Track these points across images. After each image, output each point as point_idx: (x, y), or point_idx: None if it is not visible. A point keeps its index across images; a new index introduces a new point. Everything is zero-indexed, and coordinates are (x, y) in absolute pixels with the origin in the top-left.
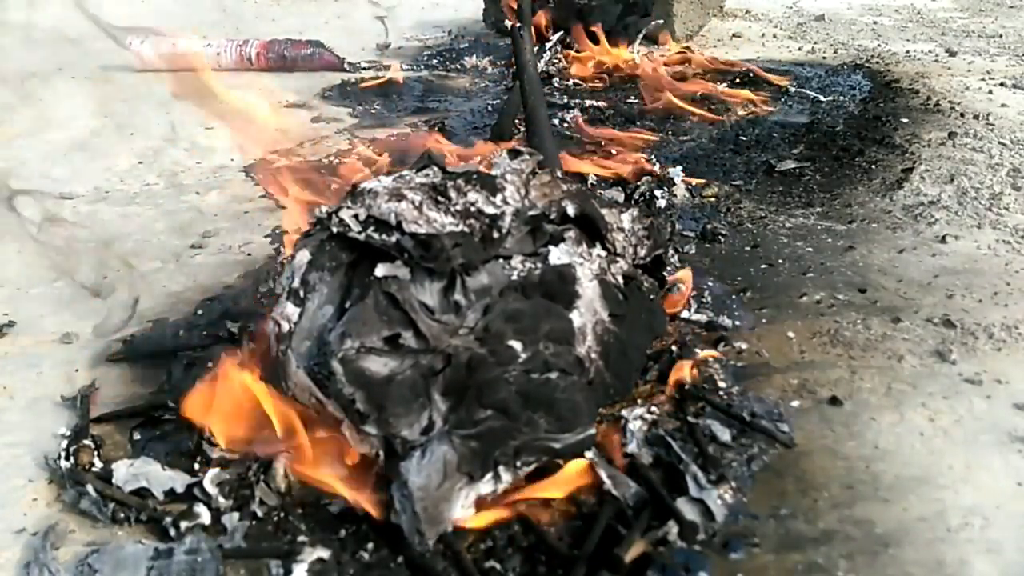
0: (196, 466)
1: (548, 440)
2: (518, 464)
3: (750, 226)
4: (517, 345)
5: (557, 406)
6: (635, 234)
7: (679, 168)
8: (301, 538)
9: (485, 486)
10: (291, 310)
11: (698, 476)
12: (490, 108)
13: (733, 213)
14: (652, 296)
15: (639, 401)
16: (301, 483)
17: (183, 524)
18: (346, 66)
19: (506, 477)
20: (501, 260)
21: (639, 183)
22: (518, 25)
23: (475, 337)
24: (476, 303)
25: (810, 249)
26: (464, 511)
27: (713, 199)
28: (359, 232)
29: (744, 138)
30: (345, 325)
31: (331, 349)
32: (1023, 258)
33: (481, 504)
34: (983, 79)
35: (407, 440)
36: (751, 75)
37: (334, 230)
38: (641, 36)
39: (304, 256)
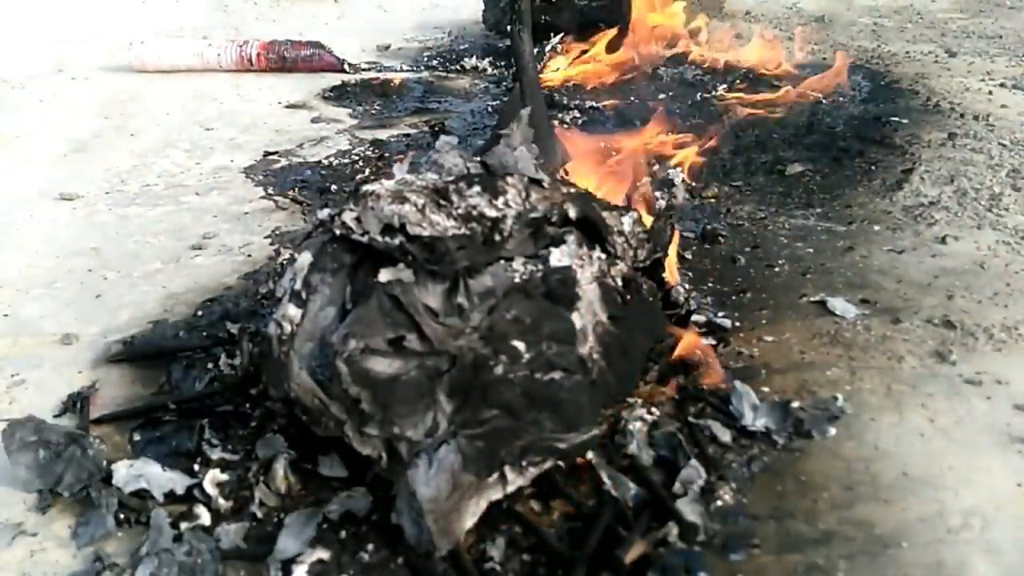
0: (196, 467)
1: (553, 440)
2: (524, 464)
3: (750, 227)
4: (521, 345)
5: (561, 406)
6: (635, 237)
7: (679, 169)
8: None
9: (493, 491)
10: (293, 312)
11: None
12: (490, 109)
13: (733, 214)
14: (651, 298)
15: (639, 402)
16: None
17: (183, 525)
18: (346, 67)
19: (512, 478)
20: (503, 262)
21: (638, 185)
22: (518, 26)
23: (479, 337)
24: (479, 305)
25: (810, 250)
26: (474, 519)
27: (713, 200)
28: (362, 234)
29: (744, 139)
30: (349, 326)
31: (335, 350)
32: (1023, 259)
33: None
34: (983, 80)
35: (412, 441)
36: (752, 75)
37: (337, 232)
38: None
39: (306, 258)
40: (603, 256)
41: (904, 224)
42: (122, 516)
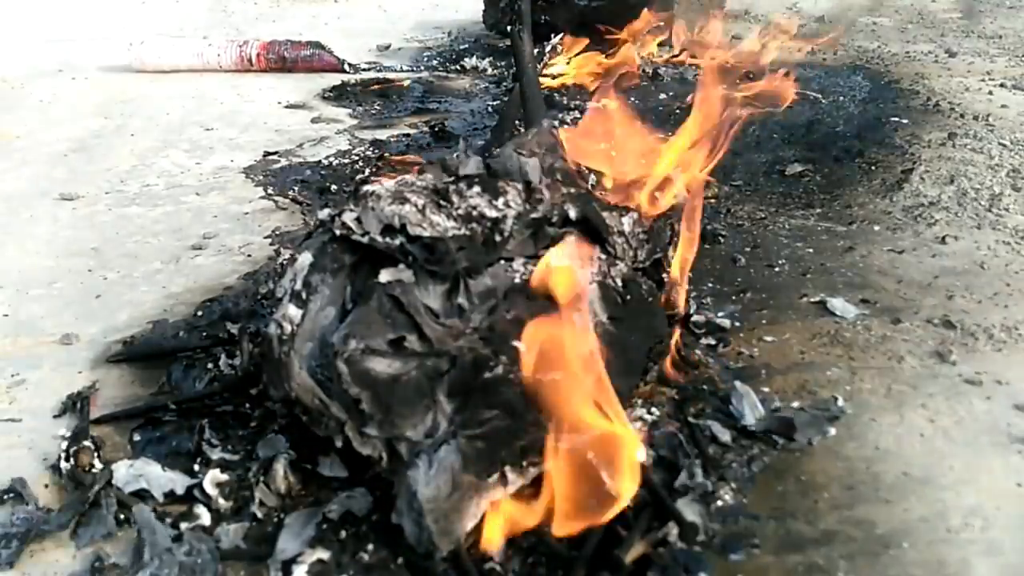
0: (196, 467)
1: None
2: (524, 464)
3: (750, 227)
4: (521, 345)
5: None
6: (635, 237)
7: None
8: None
9: (494, 491)
10: (293, 312)
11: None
12: (490, 109)
13: (733, 214)
14: (651, 299)
15: (639, 402)
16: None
17: (183, 525)
18: (346, 67)
19: (512, 478)
20: (503, 262)
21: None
22: (518, 26)
23: (480, 337)
24: (480, 305)
25: (810, 250)
26: (475, 520)
27: (713, 200)
28: (362, 235)
29: (744, 139)
30: (349, 327)
31: (335, 350)
32: (1023, 259)
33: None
34: (983, 80)
35: (412, 442)
36: (751, 75)
37: (337, 232)
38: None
39: (306, 258)
40: (603, 256)
41: (904, 224)
42: (122, 516)
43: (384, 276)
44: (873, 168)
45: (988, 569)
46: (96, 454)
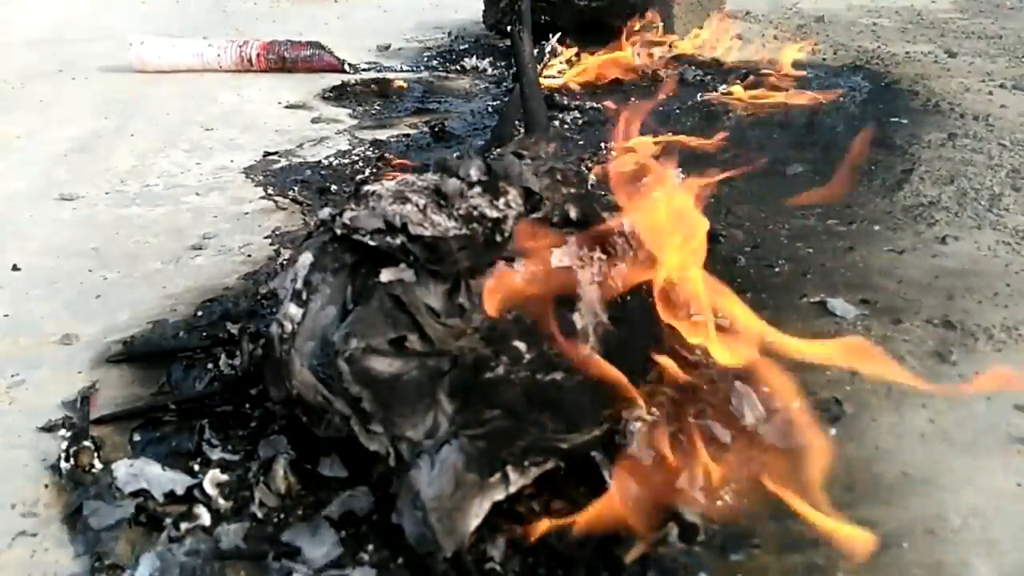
0: (196, 467)
1: (555, 440)
2: (526, 464)
3: (750, 227)
4: (522, 345)
5: (562, 406)
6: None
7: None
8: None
9: (496, 491)
10: (294, 311)
11: None
12: (490, 109)
13: (733, 214)
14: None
15: (640, 402)
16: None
17: (183, 525)
18: (346, 67)
19: (514, 478)
20: (504, 263)
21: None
22: (518, 26)
23: (480, 337)
24: (481, 305)
25: (810, 250)
26: (478, 519)
27: (713, 199)
28: (364, 235)
29: (744, 139)
30: (350, 326)
31: (336, 349)
32: (1023, 259)
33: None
34: (983, 80)
35: (413, 442)
36: (749, 75)
37: (338, 232)
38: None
39: (307, 258)
40: (603, 257)
41: (904, 224)
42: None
43: (385, 276)
44: (873, 168)
45: (988, 569)
46: (96, 454)
